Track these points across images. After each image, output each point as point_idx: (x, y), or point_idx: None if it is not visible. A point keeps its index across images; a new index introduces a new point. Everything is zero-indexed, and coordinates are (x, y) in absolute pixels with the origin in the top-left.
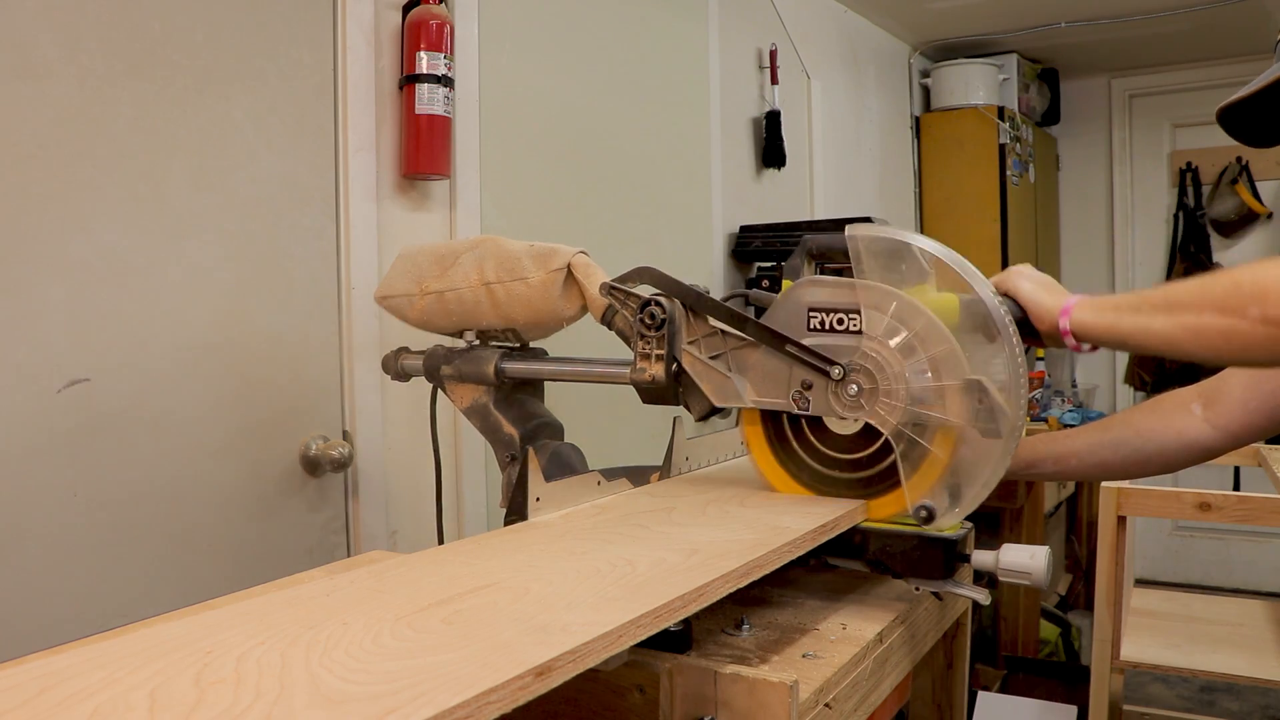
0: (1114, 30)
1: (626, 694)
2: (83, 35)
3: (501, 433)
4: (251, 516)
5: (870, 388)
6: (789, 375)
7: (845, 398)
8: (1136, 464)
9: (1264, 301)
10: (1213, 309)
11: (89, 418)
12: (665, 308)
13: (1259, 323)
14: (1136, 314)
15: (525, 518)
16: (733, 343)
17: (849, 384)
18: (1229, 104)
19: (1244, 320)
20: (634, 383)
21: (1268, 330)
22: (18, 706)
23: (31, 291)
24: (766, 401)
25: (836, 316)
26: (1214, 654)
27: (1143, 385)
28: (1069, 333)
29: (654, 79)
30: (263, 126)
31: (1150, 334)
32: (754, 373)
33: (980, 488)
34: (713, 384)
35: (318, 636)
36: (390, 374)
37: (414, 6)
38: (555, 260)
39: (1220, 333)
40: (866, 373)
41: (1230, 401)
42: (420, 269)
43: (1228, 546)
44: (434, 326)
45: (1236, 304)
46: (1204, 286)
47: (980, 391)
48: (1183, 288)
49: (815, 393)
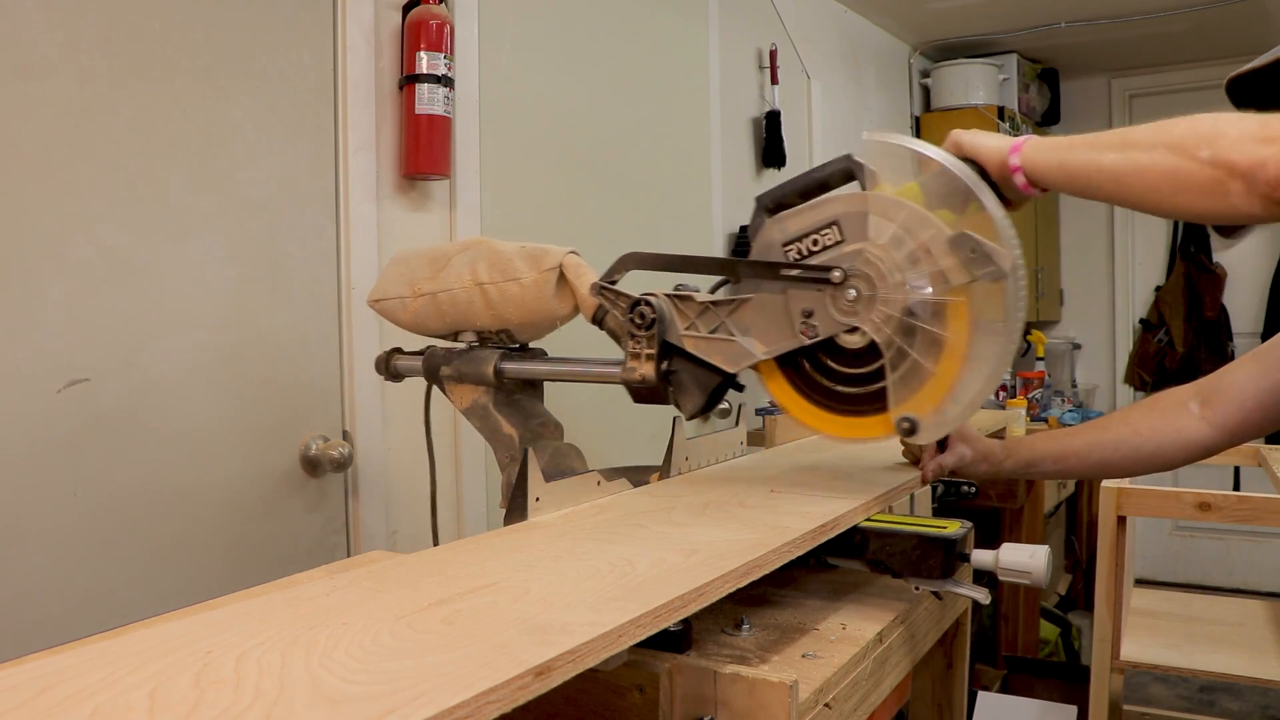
0: (1114, 30)
1: (626, 694)
2: (83, 35)
3: (501, 433)
4: (251, 516)
5: (869, 293)
6: (788, 312)
7: (845, 305)
8: (1136, 462)
9: (1215, 144)
10: (1165, 147)
11: (89, 418)
12: (654, 306)
13: (1206, 164)
14: (1089, 150)
15: (525, 518)
16: (726, 310)
17: (847, 289)
18: (1239, 74)
19: (1192, 160)
20: (624, 382)
21: (1213, 173)
22: (18, 706)
23: (31, 291)
24: (777, 347)
25: (811, 239)
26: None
27: (1143, 385)
28: (1019, 169)
29: (654, 79)
30: (263, 126)
31: (1099, 170)
32: (756, 327)
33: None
34: (721, 353)
35: (318, 636)
36: (383, 374)
37: (414, 6)
38: (547, 260)
39: (1167, 172)
40: (864, 276)
41: (1228, 399)
42: (413, 271)
43: (1228, 546)
44: (426, 329)
45: (1190, 144)
46: (1161, 126)
47: (969, 241)
48: (1140, 129)
49: (819, 316)
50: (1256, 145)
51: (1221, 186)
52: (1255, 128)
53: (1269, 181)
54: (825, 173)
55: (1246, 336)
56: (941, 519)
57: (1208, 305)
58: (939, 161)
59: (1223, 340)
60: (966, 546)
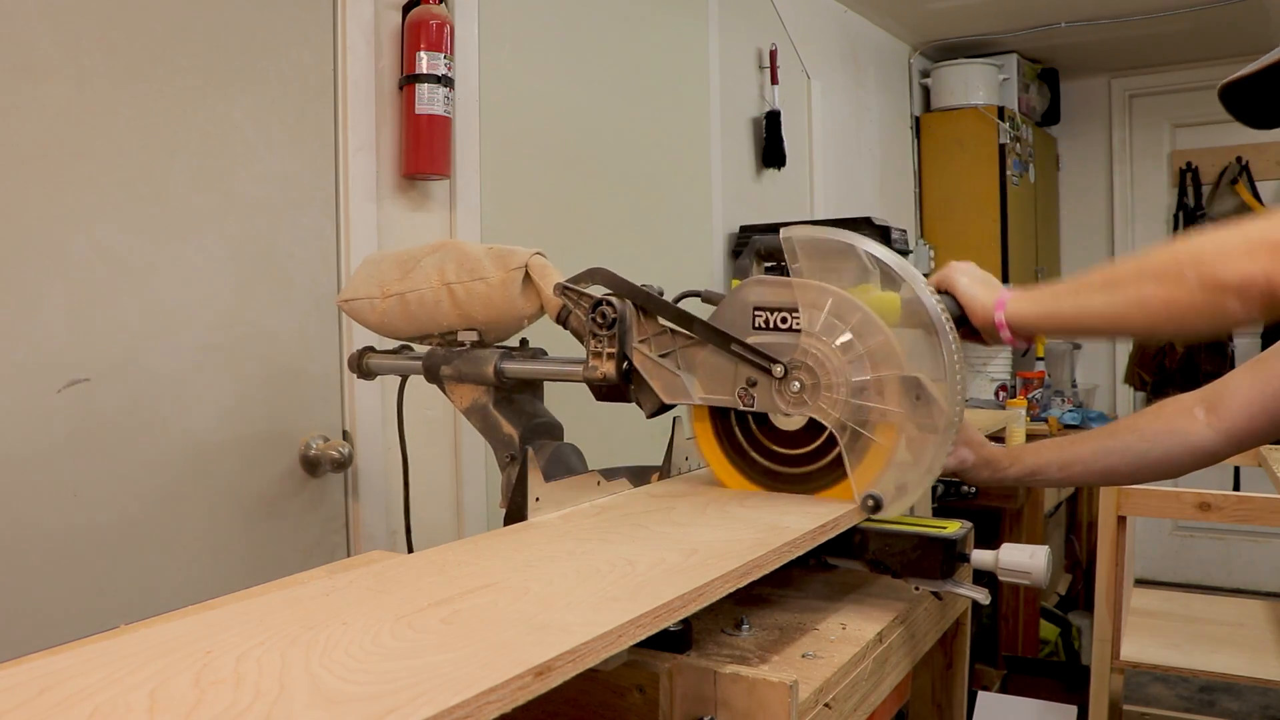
0: (1114, 30)
1: (626, 694)
2: (83, 35)
3: (501, 433)
4: (251, 516)
5: (812, 384)
6: (734, 373)
7: (789, 394)
8: (1142, 469)
9: (1199, 266)
10: (1152, 280)
11: (89, 418)
12: (616, 307)
13: (1197, 288)
14: (1075, 296)
15: (525, 518)
16: (681, 341)
17: (791, 381)
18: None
19: (1182, 287)
20: (586, 380)
21: (1206, 295)
22: (18, 706)
23: (31, 291)
24: (714, 399)
25: (780, 315)
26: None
27: (1143, 385)
28: (1004, 325)
29: (654, 79)
30: (263, 126)
31: (1091, 314)
32: (702, 370)
33: (924, 473)
34: (662, 381)
35: (317, 636)
36: (355, 373)
37: (414, 6)
38: (514, 260)
39: (1161, 302)
40: (808, 369)
41: (1233, 405)
42: (382, 273)
43: (1228, 546)
44: (393, 330)
45: (1175, 272)
46: (1140, 261)
47: (917, 387)
48: (1119, 266)
49: (760, 390)
50: (1241, 260)
51: (1218, 307)
52: (1236, 241)
53: (1264, 293)
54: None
55: (1246, 337)
56: (941, 519)
57: None
58: (919, 297)
59: (1223, 340)
60: (966, 546)
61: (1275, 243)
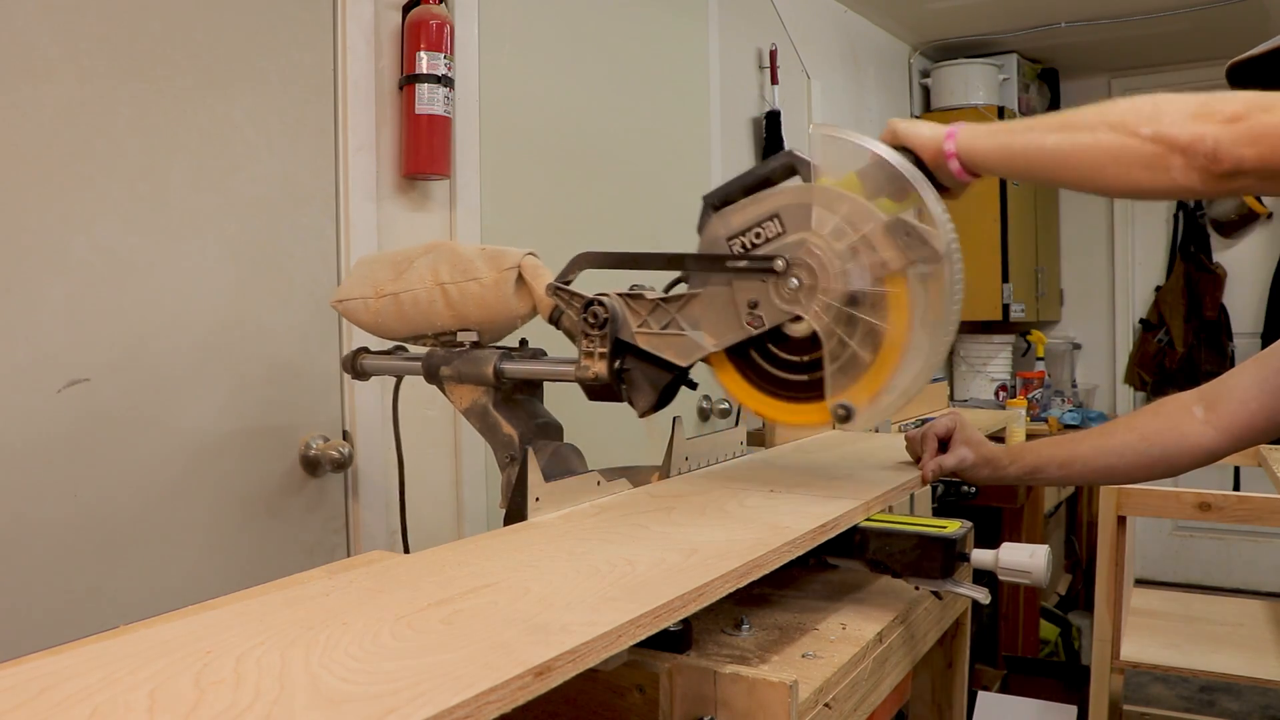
0: (1114, 30)
1: (626, 694)
2: (83, 35)
3: (501, 433)
4: (251, 516)
5: (810, 282)
6: (735, 305)
7: (788, 294)
8: (1142, 468)
9: (1156, 121)
10: (1107, 126)
11: (89, 418)
12: (607, 306)
13: (1148, 140)
14: (1029, 133)
15: (525, 518)
16: (676, 305)
17: (789, 277)
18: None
19: (1134, 138)
20: (578, 380)
21: (1155, 149)
22: (18, 706)
23: (31, 291)
24: (725, 339)
25: (754, 232)
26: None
27: (1143, 385)
28: (954, 155)
29: (654, 79)
30: (263, 127)
31: (1042, 150)
32: (705, 321)
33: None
34: (673, 348)
35: (317, 637)
36: (350, 374)
37: (414, 6)
38: (507, 260)
39: (1111, 149)
40: (805, 266)
41: (1232, 403)
42: (376, 273)
43: (1228, 546)
44: (387, 330)
45: (1132, 122)
46: (1102, 108)
47: (904, 225)
48: (1081, 110)
49: (763, 307)
50: (1194, 122)
51: (1163, 161)
52: (1193, 106)
53: (1207, 155)
54: (768, 169)
55: (1246, 336)
56: (941, 519)
57: (1208, 305)
58: (874, 152)
59: (1223, 340)
60: (966, 546)
61: (1227, 114)
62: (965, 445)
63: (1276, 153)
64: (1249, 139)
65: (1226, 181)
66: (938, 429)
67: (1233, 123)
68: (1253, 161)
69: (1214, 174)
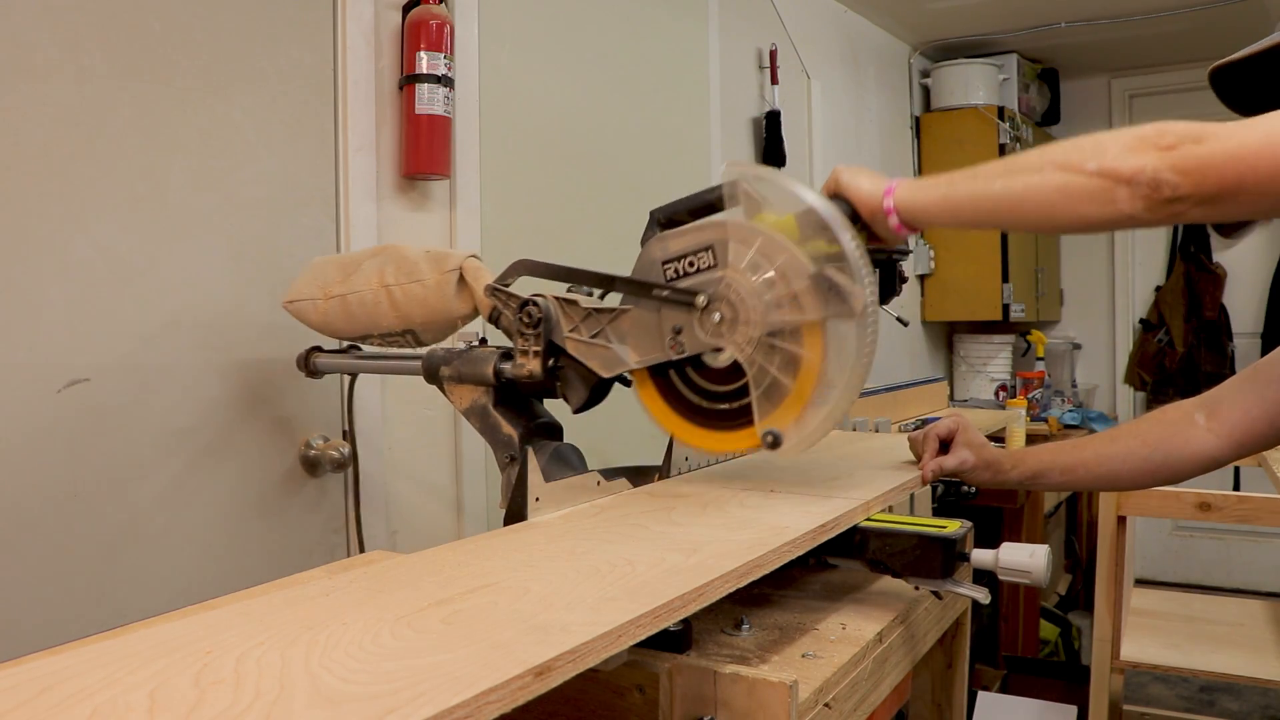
0: (1114, 30)
1: (626, 694)
2: (83, 35)
3: (501, 433)
4: (251, 516)
5: (731, 315)
6: (660, 327)
7: (711, 327)
8: (1145, 475)
9: (1100, 157)
10: (1052, 166)
11: (89, 418)
12: (541, 307)
13: (1094, 175)
14: (972, 181)
15: (525, 518)
16: (607, 317)
17: (712, 312)
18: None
19: (1080, 174)
20: (513, 378)
21: (1100, 182)
22: (18, 706)
23: (31, 291)
24: (648, 358)
25: (688, 260)
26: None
27: (1143, 385)
28: (892, 211)
29: (654, 79)
30: (263, 126)
31: (989, 197)
32: (631, 337)
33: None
34: (598, 358)
35: (317, 637)
36: (303, 371)
37: (414, 6)
38: (449, 263)
39: (1059, 187)
40: (728, 302)
41: (1232, 410)
42: (325, 275)
43: (1228, 546)
44: (335, 330)
45: (1076, 160)
46: (1044, 150)
47: (827, 280)
48: (1022, 154)
49: (686, 334)
50: (1134, 154)
51: (1109, 194)
52: (1132, 140)
53: (1148, 184)
54: (714, 195)
55: (1246, 336)
56: (941, 519)
57: (1208, 305)
58: (806, 202)
59: (1223, 340)
60: (966, 546)
61: (1162, 145)
62: (967, 447)
63: (1207, 181)
64: (1181, 168)
65: (1169, 208)
66: (940, 430)
67: (1168, 151)
68: (1188, 189)
69: (1156, 201)
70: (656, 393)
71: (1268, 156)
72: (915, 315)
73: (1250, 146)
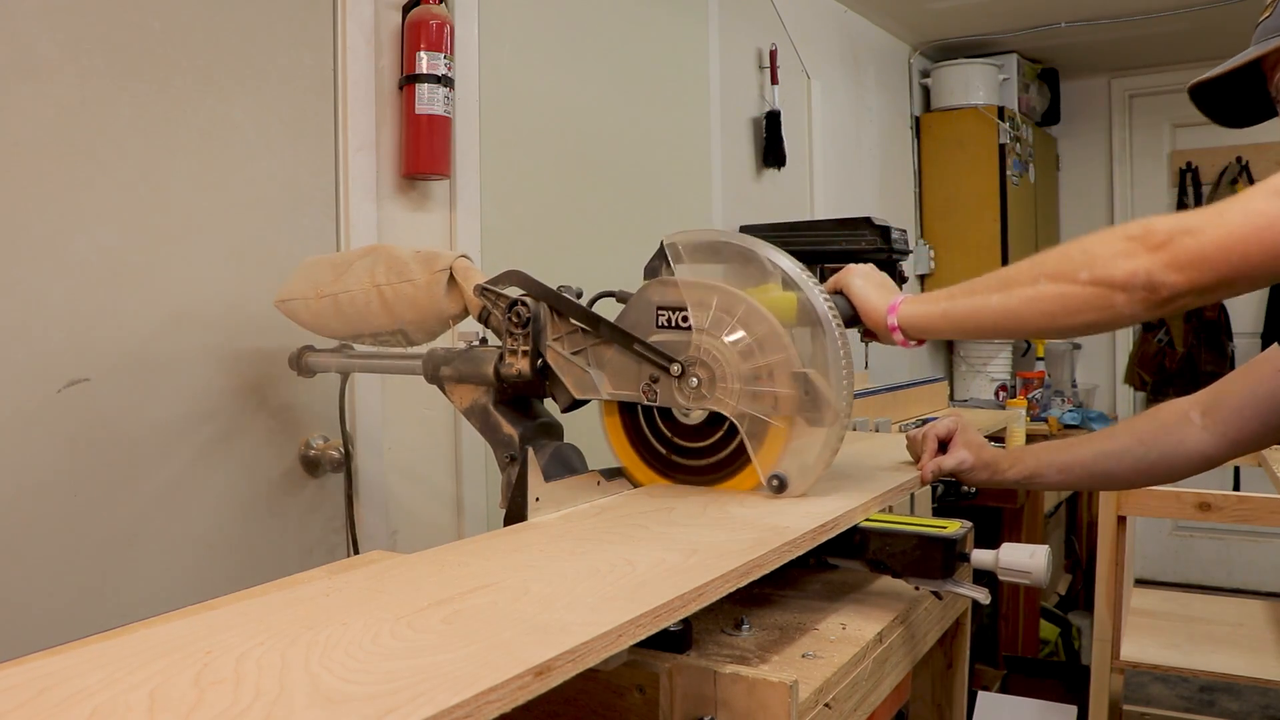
0: (1114, 30)
1: (626, 694)
2: (83, 35)
3: (501, 433)
4: (251, 516)
5: (709, 378)
6: (639, 370)
7: (688, 390)
8: (1141, 473)
9: (1092, 265)
10: (1046, 278)
11: (89, 418)
12: (530, 308)
13: (1088, 284)
14: (971, 296)
15: (525, 518)
16: (591, 339)
17: (689, 378)
18: (1201, 81)
19: (1074, 284)
20: (503, 377)
21: (1096, 291)
22: (17, 707)
23: (31, 291)
24: (621, 394)
25: (680, 314)
26: (1214, 654)
27: (1143, 385)
28: (897, 329)
29: (654, 79)
30: (263, 126)
31: (986, 311)
32: (610, 367)
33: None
34: (573, 377)
35: (317, 637)
36: (295, 370)
37: (414, 6)
38: (439, 263)
39: (1055, 298)
40: (704, 365)
41: (1227, 409)
42: (317, 274)
43: (1228, 546)
44: (327, 329)
45: (1069, 270)
46: (1035, 261)
47: (805, 383)
48: (1014, 267)
49: (662, 385)
50: (1125, 259)
51: (1107, 300)
52: (1121, 243)
53: (1145, 287)
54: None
55: (1246, 336)
56: (941, 519)
57: (1208, 305)
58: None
59: (1222, 340)
60: (966, 546)
61: (1153, 244)
62: (965, 448)
63: (1204, 276)
64: (1176, 265)
65: (1169, 305)
66: (939, 430)
67: (1159, 250)
68: (1185, 286)
69: (1154, 302)
70: (620, 427)
71: (1255, 242)
72: None
73: (1237, 234)
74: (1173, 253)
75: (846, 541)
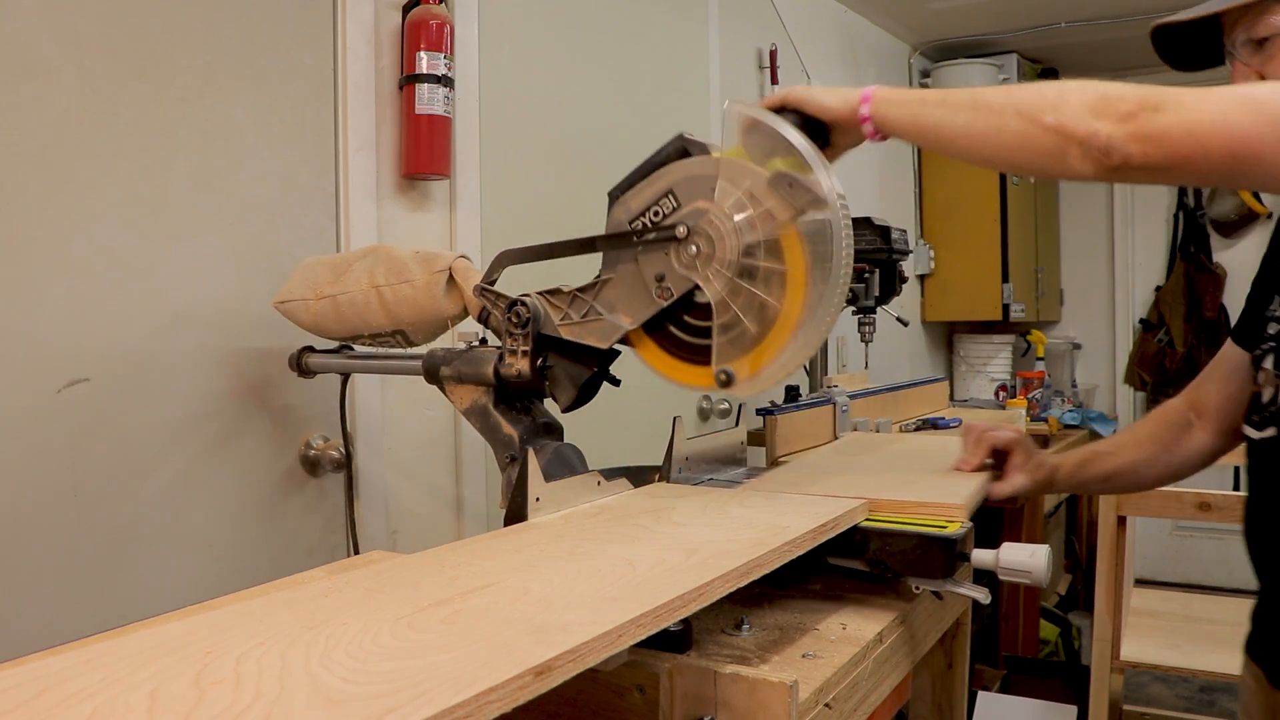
0: (1114, 30)
1: (626, 694)
2: (84, 35)
3: (501, 433)
4: (251, 516)
5: (708, 251)
6: (644, 281)
7: (686, 258)
8: (1166, 475)
9: (1059, 111)
10: (1014, 112)
11: (89, 418)
12: (529, 306)
13: (1050, 130)
14: (940, 108)
15: (525, 518)
16: (591, 293)
17: (689, 244)
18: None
19: (1037, 126)
20: (503, 377)
21: (1055, 139)
22: (17, 707)
23: (31, 291)
24: (640, 316)
25: (653, 211)
26: (1214, 654)
27: (1143, 385)
28: (868, 119)
29: (654, 79)
30: (263, 126)
31: (951, 128)
32: (620, 302)
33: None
34: (596, 332)
35: (317, 637)
36: (295, 371)
37: (414, 6)
38: (438, 263)
39: (1015, 134)
40: (704, 234)
41: (1213, 408)
42: (316, 275)
43: (1228, 546)
44: (326, 330)
45: (1037, 109)
46: (1012, 91)
47: (786, 178)
48: (991, 90)
49: (669, 278)
50: (1092, 117)
51: (1061, 150)
52: (1093, 100)
53: (1100, 149)
54: (662, 155)
55: None
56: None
57: (1208, 305)
58: (750, 116)
59: (1222, 340)
60: (966, 546)
61: (1120, 112)
62: (1022, 471)
63: (1160, 151)
64: (1137, 138)
65: (1117, 174)
66: (997, 441)
67: (1124, 121)
68: (1139, 159)
69: (1105, 166)
70: (655, 346)
71: (1219, 135)
72: (915, 315)
73: (1204, 124)
74: (1139, 125)
75: (847, 541)
